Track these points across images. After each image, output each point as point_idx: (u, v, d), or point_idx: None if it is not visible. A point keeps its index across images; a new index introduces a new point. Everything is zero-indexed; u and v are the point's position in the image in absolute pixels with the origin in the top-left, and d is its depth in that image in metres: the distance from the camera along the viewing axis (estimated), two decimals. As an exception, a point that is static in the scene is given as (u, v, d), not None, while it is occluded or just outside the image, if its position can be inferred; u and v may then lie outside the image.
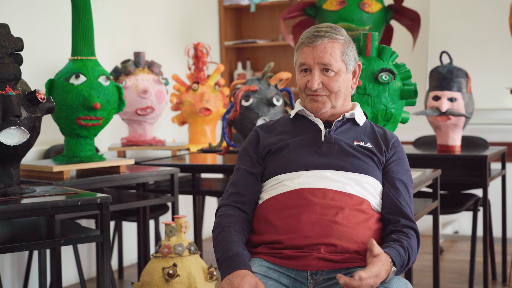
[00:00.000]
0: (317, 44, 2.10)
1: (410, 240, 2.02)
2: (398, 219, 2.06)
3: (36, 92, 2.31)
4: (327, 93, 2.13)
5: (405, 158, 2.19)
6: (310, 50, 2.11)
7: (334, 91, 2.12)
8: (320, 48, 2.10)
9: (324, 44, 2.10)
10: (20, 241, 2.35)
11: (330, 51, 2.10)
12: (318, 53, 2.10)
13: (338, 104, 2.16)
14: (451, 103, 3.66)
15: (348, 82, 2.17)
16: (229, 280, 1.86)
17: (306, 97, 2.15)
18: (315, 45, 2.10)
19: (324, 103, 2.14)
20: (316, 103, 2.14)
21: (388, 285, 1.88)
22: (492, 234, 4.06)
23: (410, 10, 4.62)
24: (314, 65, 2.11)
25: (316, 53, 2.10)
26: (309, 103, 2.15)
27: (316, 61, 2.10)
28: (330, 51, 2.10)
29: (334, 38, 2.12)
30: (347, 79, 2.16)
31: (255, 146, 2.19)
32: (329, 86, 2.11)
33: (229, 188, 2.16)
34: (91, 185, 2.93)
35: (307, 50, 2.12)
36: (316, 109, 2.14)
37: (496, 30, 4.91)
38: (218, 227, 2.06)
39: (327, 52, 2.10)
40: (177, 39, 5.14)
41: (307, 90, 2.13)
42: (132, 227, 4.55)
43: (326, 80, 2.11)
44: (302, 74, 2.15)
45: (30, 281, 3.76)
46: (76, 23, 2.96)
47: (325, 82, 2.11)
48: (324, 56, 2.10)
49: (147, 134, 4.10)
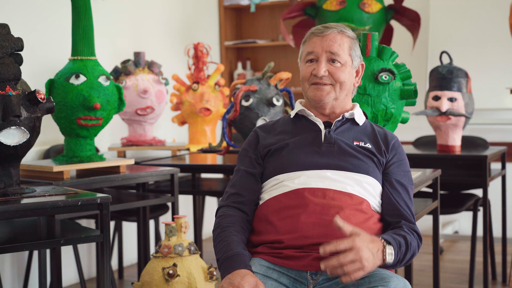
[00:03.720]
0: (327, 34, 2.12)
1: (411, 236, 2.01)
2: (399, 221, 2.06)
3: (36, 92, 2.31)
4: (333, 82, 2.12)
5: (406, 159, 2.18)
6: (319, 39, 2.12)
7: (340, 81, 2.12)
8: (329, 37, 2.11)
9: (334, 34, 2.12)
10: (20, 241, 2.35)
11: (339, 42, 2.12)
12: (328, 42, 2.11)
13: (341, 97, 2.14)
14: (451, 103, 3.66)
15: (352, 78, 2.16)
16: (229, 280, 1.86)
17: (310, 87, 2.14)
18: (325, 35, 2.12)
19: (328, 93, 2.12)
20: (320, 92, 2.12)
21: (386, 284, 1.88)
22: (492, 234, 4.06)
23: (410, 10, 4.62)
24: (322, 53, 2.11)
25: (325, 42, 2.11)
26: (312, 92, 2.13)
27: (325, 49, 2.11)
28: (339, 42, 2.12)
29: (343, 31, 2.14)
30: (351, 74, 2.16)
31: (254, 146, 2.19)
32: (335, 75, 2.11)
33: (228, 189, 2.16)
34: (91, 185, 2.93)
35: (316, 40, 2.12)
36: (320, 97, 2.12)
37: (496, 30, 4.91)
38: (218, 227, 2.06)
39: (336, 42, 2.11)
40: (177, 39, 5.14)
41: (312, 78, 2.12)
42: (132, 227, 4.54)
43: (332, 69, 2.11)
44: (308, 64, 2.14)
45: (30, 281, 3.76)
46: (76, 23, 2.96)
47: (332, 71, 2.11)
48: (333, 45, 2.11)
49: (147, 134, 4.09)
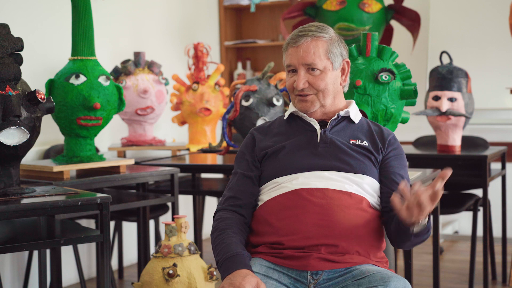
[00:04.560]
0: (300, 44, 2.11)
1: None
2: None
3: (36, 92, 2.31)
4: (314, 91, 2.12)
5: (403, 154, 2.17)
6: (294, 50, 2.12)
7: (321, 89, 2.12)
8: (303, 48, 2.11)
9: (307, 43, 2.11)
10: (20, 241, 2.35)
11: (313, 50, 2.10)
12: (301, 53, 2.10)
13: (327, 103, 2.15)
14: (451, 103, 3.66)
15: (337, 80, 2.16)
16: (230, 280, 1.86)
17: (295, 98, 2.16)
18: (298, 45, 2.11)
19: (312, 102, 2.14)
20: (304, 103, 2.14)
21: (386, 284, 1.88)
22: (492, 234, 4.06)
23: (410, 10, 4.62)
24: (299, 66, 2.12)
25: (299, 53, 2.11)
26: (298, 104, 2.16)
27: (300, 62, 2.11)
28: (313, 50, 2.10)
29: (317, 36, 2.12)
30: (334, 76, 2.15)
31: (251, 149, 2.18)
32: (315, 84, 2.12)
33: (226, 193, 2.15)
34: (91, 185, 2.93)
35: (292, 51, 2.13)
36: (305, 108, 2.15)
37: (496, 30, 4.91)
38: (216, 230, 2.05)
39: (310, 52, 2.10)
40: (177, 39, 5.14)
41: (295, 91, 2.14)
42: (132, 227, 4.54)
43: (311, 79, 2.11)
44: (290, 75, 2.16)
45: (30, 281, 3.76)
46: (76, 23, 2.96)
47: (311, 81, 2.11)
48: (307, 56, 2.10)
49: (147, 134, 4.09)
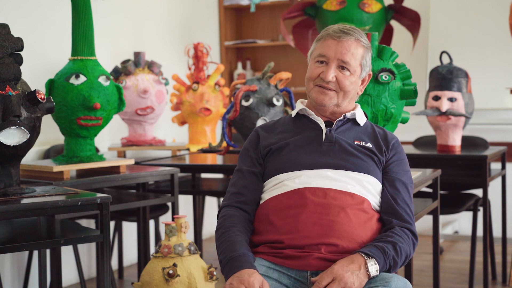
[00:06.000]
0: (343, 40, 2.10)
1: (401, 237, 1.99)
2: (390, 220, 2.05)
3: (36, 92, 2.30)
4: (338, 89, 2.11)
5: (405, 159, 2.18)
6: (334, 43, 2.10)
7: (345, 90, 2.11)
8: (345, 44, 2.10)
9: (350, 41, 2.10)
10: (20, 241, 2.35)
11: (353, 51, 2.10)
12: (342, 49, 2.09)
13: (343, 104, 2.15)
14: (451, 103, 3.66)
15: (357, 87, 2.16)
16: (238, 278, 1.86)
17: (314, 87, 2.13)
18: (341, 40, 2.10)
19: (331, 98, 2.12)
20: (323, 96, 2.12)
21: (387, 284, 1.88)
22: (492, 234, 4.06)
23: (410, 10, 4.62)
24: (333, 59, 2.09)
25: (339, 48, 2.09)
26: (316, 94, 2.13)
27: (337, 56, 2.09)
28: (353, 50, 2.10)
29: (359, 40, 2.12)
30: (357, 83, 2.15)
31: (255, 146, 2.19)
32: (342, 83, 2.10)
33: (230, 189, 2.15)
34: (91, 185, 2.93)
35: (331, 43, 2.10)
36: (322, 101, 2.12)
37: (496, 30, 4.90)
38: (221, 228, 2.05)
39: (350, 51, 2.10)
40: (177, 39, 5.14)
41: (318, 80, 2.11)
42: (132, 227, 4.54)
43: (340, 76, 2.10)
44: (317, 65, 2.12)
45: (30, 281, 3.76)
46: (76, 23, 2.96)
47: (339, 78, 2.10)
48: (346, 54, 2.09)
49: (147, 134, 4.09)
